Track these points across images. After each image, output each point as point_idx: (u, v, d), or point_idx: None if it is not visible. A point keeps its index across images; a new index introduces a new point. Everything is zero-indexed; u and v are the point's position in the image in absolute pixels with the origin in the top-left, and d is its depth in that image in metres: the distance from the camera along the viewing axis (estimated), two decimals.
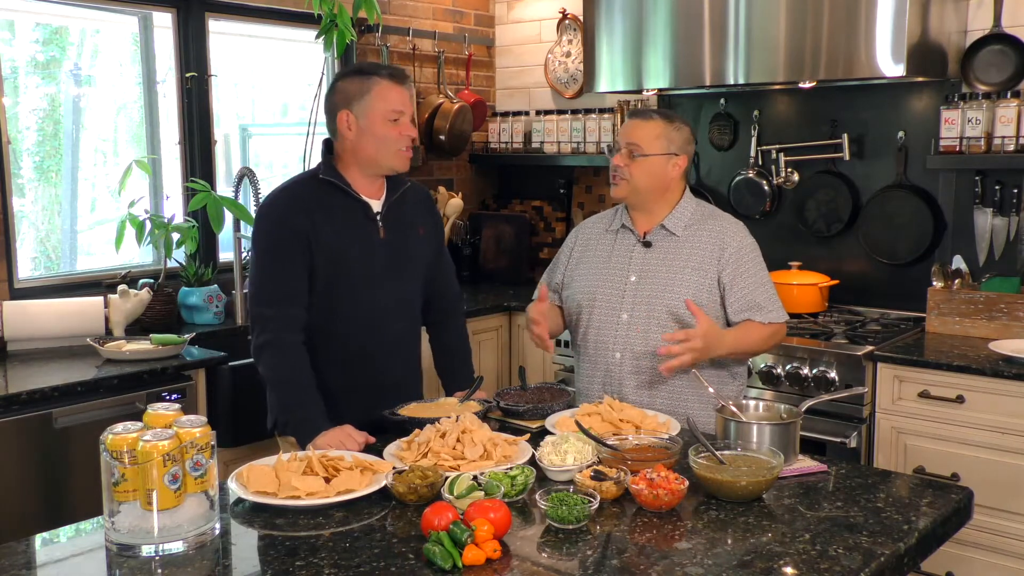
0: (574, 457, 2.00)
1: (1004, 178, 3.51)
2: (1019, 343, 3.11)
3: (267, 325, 2.41)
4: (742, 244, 2.56)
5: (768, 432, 2.09)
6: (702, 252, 2.54)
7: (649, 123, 2.57)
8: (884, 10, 3.23)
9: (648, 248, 2.59)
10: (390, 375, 2.59)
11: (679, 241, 2.57)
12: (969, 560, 3.05)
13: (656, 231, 2.60)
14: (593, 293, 2.61)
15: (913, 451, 3.14)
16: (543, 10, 4.80)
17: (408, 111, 2.49)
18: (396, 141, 2.46)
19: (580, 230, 2.79)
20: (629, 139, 2.57)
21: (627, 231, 2.64)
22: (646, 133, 2.56)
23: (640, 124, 2.58)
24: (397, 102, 2.46)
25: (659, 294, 2.52)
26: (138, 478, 1.67)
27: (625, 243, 2.63)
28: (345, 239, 2.47)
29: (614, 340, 2.55)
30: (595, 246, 2.69)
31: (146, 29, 3.83)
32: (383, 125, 2.44)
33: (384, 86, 2.45)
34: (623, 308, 2.55)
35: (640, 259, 2.59)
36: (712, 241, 2.55)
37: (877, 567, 1.61)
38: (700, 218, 2.60)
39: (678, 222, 2.58)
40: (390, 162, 2.49)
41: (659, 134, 2.56)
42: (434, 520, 1.64)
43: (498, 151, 4.88)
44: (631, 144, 2.56)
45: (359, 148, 2.47)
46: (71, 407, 2.84)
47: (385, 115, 2.44)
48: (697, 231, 2.57)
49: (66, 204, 3.80)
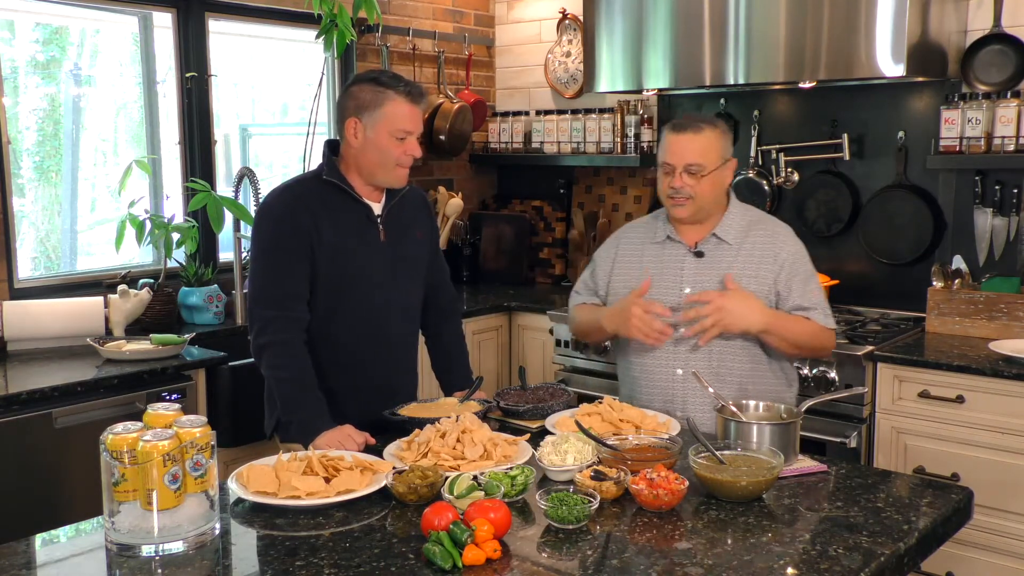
0: (574, 457, 2.01)
1: (1004, 178, 3.51)
2: (1019, 343, 3.11)
3: (268, 325, 2.41)
4: (796, 250, 2.50)
5: (768, 432, 2.09)
6: (757, 259, 2.47)
7: (701, 136, 2.44)
8: (884, 10, 3.23)
9: (700, 258, 2.49)
10: (389, 377, 2.59)
11: (732, 249, 2.49)
12: (969, 560, 3.05)
13: (708, 240, 2.50)
14: None
15: (913, 451, 3.14)
16: (543, 10, 4.80)
17: (417, 130, 2.47)
18: (398, 159, 2.45)
19: (620, 240, 2.67)
20: (688, 160, 2.43)
21: (674, 241, 2.54)
22: (703, 147, 2.43)
23: (693, 139, 2.44)
24: (407, 121, 2.43)
25: None
26: (138, 478, 1.67)
27: (674, 254, 2.53)
28: (347, 241, 2.47)
29: (673, 356, 2.48)
30: (640, 257, 2.58)
31: (146, 29, 3.82)
32: (388, 141, 2.42)
33: (397, 103, 2.42)
34: (678, 322, 2.44)
35: (692, 270, 2.49)
36: (766, 247, 2.48)
37: (877, 567, 1.61)
38: (750, 224, 2.52)
39: (730, 229, 2.50)
40: (387, 177, 2.48)
41: (714, 145, 2.45)
42: (434, 520, 1.64)
43: (498, 151, 4.88)
44: (692, 165, 2.42)
45: (361, 157, 2.47)
46: (71, 407, 2.84)
47: (392, 132, 2.42)
48: (749, 238, 2.49)
49: (66, 204, 3.80)
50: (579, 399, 2.97)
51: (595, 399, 2.44)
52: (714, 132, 2.46)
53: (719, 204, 2.52)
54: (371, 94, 2.43)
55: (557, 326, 3.94)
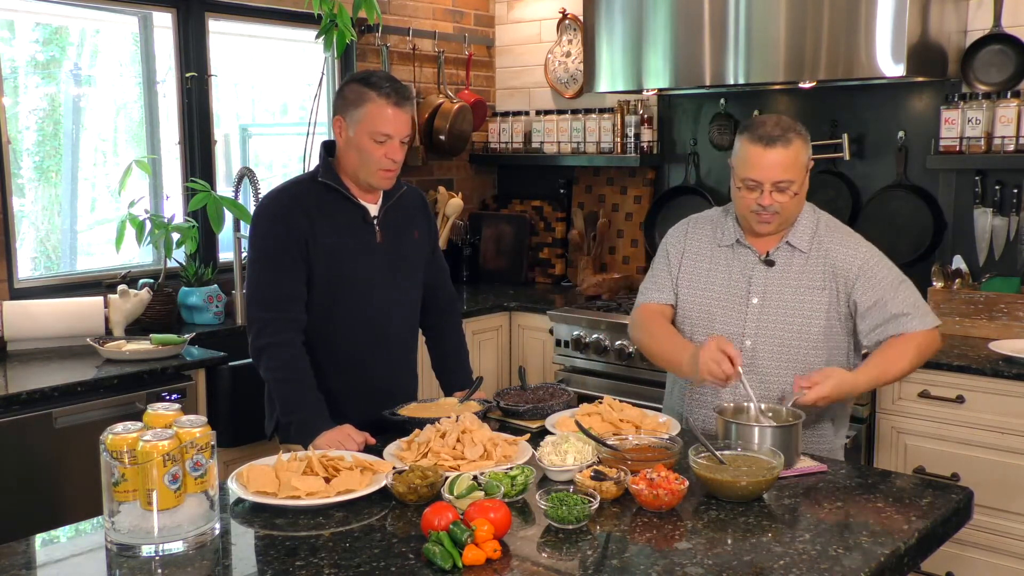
0: (574, 457, 2.01)
1: (1004, 178, 3.51)
2: (1019, 343, 3.11)
3: (265, 327, 2.41)
4: (869, 256, 2.34)
5: (769, 435, 2.08)
6: (829, 269, 2.33)
7: (791, 149, 2.25)
8: (884, 10, 3.23)
9: (770, 267, 2.36)
10: (388, 377, 2.59)
11: (804, 257, 2.35)
12: (969, 560, 3.05)
13: (780, 248, 2.36)
14: (711, 315, 2.40)
15: (913, 451, 3.14)
16: (543, 10, 4.80)
17: (399, 134, 2.42)
18: (378, 161, 2.42)
19: (688, 235, 2.50)
20: (778, 177, 2.25)
21: (743, 247, 2.40)
22: (792, 161, 2.25)
23: (784, 154, 2.24)
24: (387, 125, 2.39)
25: (786, 318, 2.32)
26: (138, 478, 1.67)
27: (744, 260, 2.39)
28: (343, 242, 2.47)
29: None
30: (708, 259, 2.44)
31: (146, 29, 3.82)
32: (368, 143, 2.40)
33: (379, 105, 2.38)
34: (746, 334, 2.34)
35: (762, 279, 2.36)
36: (838, 256, 2.33)
37: (877, 567, 1.61)
38: (820, 227, 2.38)
39: (803, 237, 2.36)
40: (368, 179, 2.46)
41: (802, 155, 2.28)
42: (434, 520, 1.64)
43: (498, 151, 4.88)
44: (782, 182, 2.25)
45: (344, 157, 2.47)
46: (71, 407, 2.84)
47: (371, 134, 2.39)
48: (821, 245, 2.35)
49: (66, 204, 3.80)
50: (579, 399, 2.97)
51: (595, 399, 2.43)
52: (800, 140, 2.28)
53: (801, 210, 2.38)
54: (355, 94, 2.41)
55: (557, 326, 3.94)
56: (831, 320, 2.33)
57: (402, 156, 2.46)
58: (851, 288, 2.33)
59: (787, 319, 2.34)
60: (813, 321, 2.32)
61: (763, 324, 2.35)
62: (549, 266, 4.79)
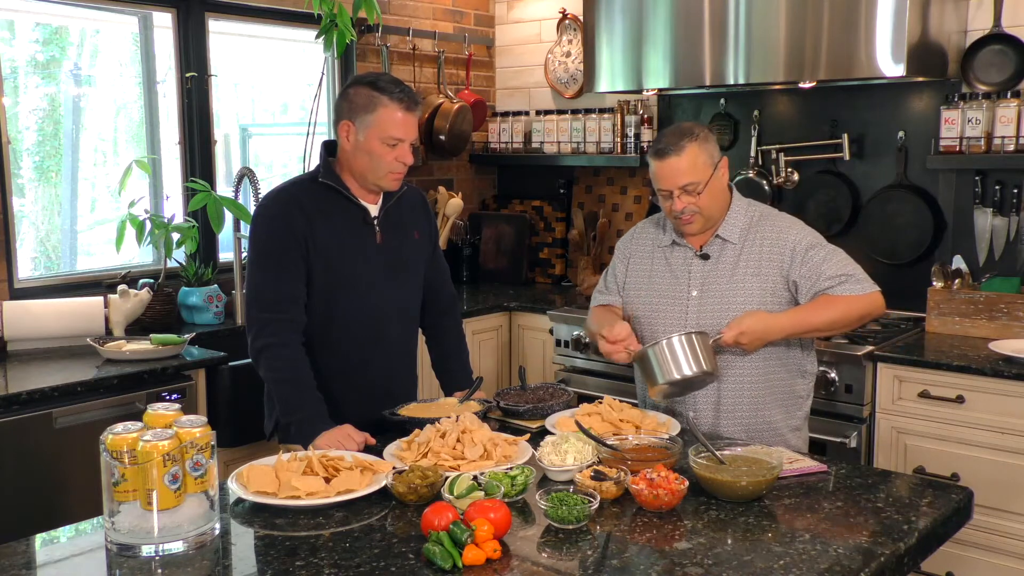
0: (574, 457, 2.01)
1: (1004, 178, 3.51)
2: (1019, 343, 3.11)
3: (264, 328, 2.41)
4: (802, 236, 2.45)
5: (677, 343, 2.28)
6: (763, 257, 2.45)
7: (684, 155, 2.38)
8: (884, 10, 3.23)
9: (706, 260, 2.49)
10: (388, 377, 2.59)
11: (737, 249, 2.47)
12: (969, 560, 3.05)
13: (712, 242, 2.49)
14: (655, 310, 2.53)
15: (913, 451, 3.14)
16: (543, 10, 4.80)
17: (409, 137, 2.45)
18: (389, 164, 2.43)
19: (630, 244, 2.67)
20: (680, 182, 2.39)
21: (680, 245, 2.54)
22: (689, 165, 2.39)
23: (678, 161, 2.38)
24: (399, 129, 2.41)
25: (723, 307, 2.43)
26: (138, 478, 1.67)
27: (682, 257, 2.53)
28: (343, 243, 2.47)
29: None
30: (648, 261, 2.59)
31: (146, 29, 3.82)
32: (379, 147, 2.41)
33: (391, 109, 2.40)
34: (688, 325, 2.44)
35: (700, 272, 2.49)
36: (772, 244, 2.45)
37: (877, 567, 1.62)
38: (754, 221, 2.49)
39: (733, 229, 2.48)
40: (379, 182, 2.48)
41: (700, 157, 2.40)
42: (434, 520, 1.64)
43: (498, 151, 4.88)
44: (687, 185, 2.39)
45: (353, 160, 2.47)
46: (71, 407, 2.84)
47: (383, 139, 2.40)
48: (754, 236, 2.47)
49: (66, 204, 3.80)
50: (579, 399, 2.97)
51: (595, 399, 2.44)
52: (694, 144, 2.39)
53: (724, 204, 2.50)
54: (365, 98, 2.41)
55: (557, 326, 3.94)
56: (768, 306, 2.42)
57: (412, 159, 2.48)
58: (788, 270, 2.43)
59: (724, 307, 2.44)
60: (749, 307, 2.41)
61: (703, 314, 2.46)
62: (549, 266, 4.79)
